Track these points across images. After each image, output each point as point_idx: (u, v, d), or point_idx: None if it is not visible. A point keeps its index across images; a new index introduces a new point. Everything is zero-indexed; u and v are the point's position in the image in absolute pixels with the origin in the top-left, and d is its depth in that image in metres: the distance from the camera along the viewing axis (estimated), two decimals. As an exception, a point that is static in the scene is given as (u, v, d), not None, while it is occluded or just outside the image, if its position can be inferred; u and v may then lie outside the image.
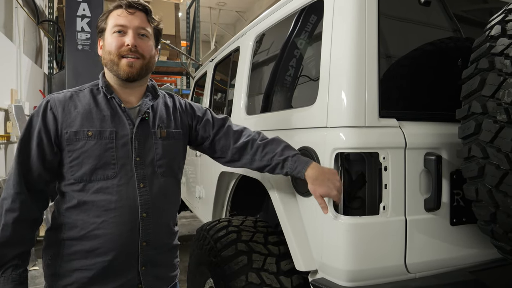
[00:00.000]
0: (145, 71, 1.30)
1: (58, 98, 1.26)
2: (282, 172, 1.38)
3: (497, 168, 1.13)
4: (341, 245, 1.25)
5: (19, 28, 4.88)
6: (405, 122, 1.33)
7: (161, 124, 1.35)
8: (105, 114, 1.26)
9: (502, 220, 1.16)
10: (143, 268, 1.28)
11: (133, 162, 1.25)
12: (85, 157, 1.21)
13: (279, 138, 1.45)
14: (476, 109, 1.18)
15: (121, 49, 1.25)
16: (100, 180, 1.22)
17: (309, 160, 1.34)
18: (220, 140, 1.47)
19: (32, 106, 5.24)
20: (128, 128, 1.27)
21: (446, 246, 1.37)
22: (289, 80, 1.78)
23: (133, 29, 1.26)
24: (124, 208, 1.22)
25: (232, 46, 2.56)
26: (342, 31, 1.34)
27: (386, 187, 1.27)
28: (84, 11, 3.00)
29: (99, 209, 1.21)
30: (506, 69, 1.11)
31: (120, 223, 1.22)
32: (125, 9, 1.26)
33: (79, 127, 1.22)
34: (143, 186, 1.26)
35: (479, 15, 1.67)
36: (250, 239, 1.64)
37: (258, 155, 1.42)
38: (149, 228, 1.27)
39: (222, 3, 10.80)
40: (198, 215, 3.19)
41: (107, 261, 1.21)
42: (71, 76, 2.97)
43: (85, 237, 1.22)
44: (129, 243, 1.24)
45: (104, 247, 1.21)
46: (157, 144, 1.32)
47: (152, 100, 1.36)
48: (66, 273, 1.23)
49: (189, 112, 1.48)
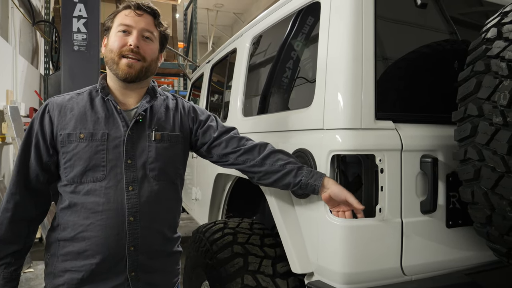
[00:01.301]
0: (145, 74, 1.29)
1: (56, 101, 1.28)
2: (293, 181, 1.30)
3: (493, 170, 1.13)
4: (337, 247, 1.25)
5: (15, 29, 4.86)
6: (402, 124, 1.34)
7: (157, 127, 1.32)
8: (99, 116, 1.26)
9: (498, 222, 1.16)
10: (133, 274, 1.25)
11: (123, 164, 1.24)
12: (76, 159, 1.22)
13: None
14: (472, 111, 1.18)
15: (123, 48, 1.24)
16: (90, 182, 1.22)
17: (324, 174, 1.30)
18: (221, 145, 1.41)
19: (28, 107, 5.21)
20: (122, 130, 1.26)
21: (442, 248, 1.37)
22: (286, 82, 1.77)
23: (138, 30, 1.26)
24: (111, 211, 1.21)
25: (229, 47, 2.55)
26: (339, 33, 1.34)
27: (383, 189, 1.27)
28: (80, 11, 2.98)
29: (88, 211, 1.21)
30: (502, 72, 1.12)
31: (106, 226, 1.20)
32: (133, 10, 1.26)
33: (73, 129, 1.23)
34: (132, 189, 1.24)
35: (475, 17, 1.67)
36: (246, 241, 1.64)
37: (270, 160, 1.35)
38: (137, 232, 1.23)
39: (219, 5, 10.80)
40: (194, 216, 3.18)
41: (95, 264, 1.20)
42: (67, 76, 2.95)
43: (75, 239, 1.22)
44: (116, 247, 1.21)
45: (91, 250, 1.20)
46: (151, 146, 1.29)
47: (149, 102, 1.33)
48: (59, 273, 1.24)
49: (192, 115, 1.44)
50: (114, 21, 1.29)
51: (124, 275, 1.24)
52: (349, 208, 1.22)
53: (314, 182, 1.26)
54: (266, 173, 1.35)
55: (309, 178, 1.28)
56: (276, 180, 1.34)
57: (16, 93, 4.74)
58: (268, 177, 1.36)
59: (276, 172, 1.33)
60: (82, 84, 2.69)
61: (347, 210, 1.23)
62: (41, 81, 6.23)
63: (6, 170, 4.42)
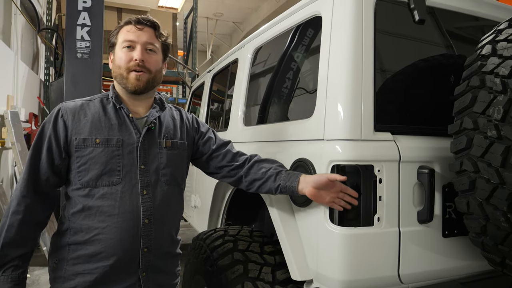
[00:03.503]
0: (152, 84, 1.36)
1: (68, 107, 1.31)
2: (273, 186, 1.41)
3: (487, 182, 1.16)
4: (336, 255, 1.27)
5: (17, 35, 4.90)
6: (400, 136, 1.37)
7: (167, 135, 1.40)
8: (113, 123, 1.31)
9: (492, 232, 1.19)
10: (144, 274, 1.31)
11: (137, 169, 1.30)
12: (92, 163, 1.26)
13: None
14: (467, 124, 1.22)
15: (129, 63, 1.31)
16: (105, 186, 1.26)
17: (301, 173, 1.38)
18: (218, 157, 1.52)
19: (28, 112, 5.23)
20: (135, 137, 1.32)
21: (438, 258, 1.39)
22: (286, 93, 1.81)
23: (141, 44, 1.31)
24: (127, 213, 1.26)
25: (231, 58, 2.60)
26: (340, 46, 1.38)
27: (381, 199, 1.30)
28: (84, 20, 3.02)
29: (103, 214, 1.25)
30: (496, 87, 1.15)
31: (122, 228, 1.25)
32: (134, 25, 1.32)
33: (88, 134, 1.27)
34: (146, 193, 1.30)
35: (471, 33, 1.72)
36: (246, 248, 1.66)
37: (254, 169, 1.47)
38: (151, 234, 1.30)
39: (219, 14, 10.89)
40: (192, 224, 3.19)
41: (109, 265, 1.24)
42: (70, 83, 2.98)
43: (89, 242, 1.25)
44: (130, 248, 1.27)
45: (106, 252, 1.24)
46: (162, 153, 1.37)
47: (159, 112, 1.41)
48: (70, 277, 1.26)
49: (195, 126, 1.55)
50: (118, 37, 1.35)
51: (136, 276, 1.30)
52: (337, 192, 1.27)
53: (291, 184, 1.36)
54: (251, 182, 1.47)
55: (286, 181, 1.38)
56: (259, 187, 1.46)
57: (17, 98, 4.77)
58: (253, 185, 1.47)
59: (259, 179, 1.45)
60: (84, 91, 2.73)
61: (335, 195, 1.27)
62: (41, 87, 6.25)
63: (5, 175, 4.42)
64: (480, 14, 1.67)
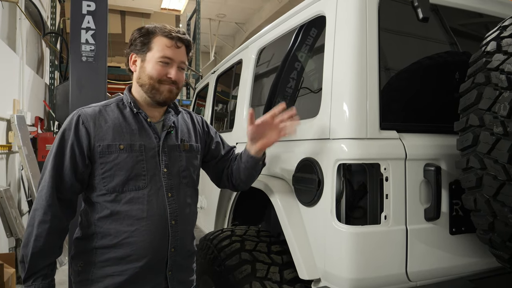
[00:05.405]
0: (176, 96, 1.41)
1: (88, 113, 1.31)
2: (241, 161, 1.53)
3: (494, 178, 1.16)
4: (344, 254, 1.28)
5: (22, 39, 4.94)
6: (405, 134, 1.38)
7: (184, 138, 1.45)
8: (133, 128, 1.33)
9: (500, 229, 1.19)
10: (170, 273, 1.36)
11: (161, 173, 1.34)
12: (117, 169, 1.28)
13: None
14: (473, 121, 1.22)
15: (163, 77, 1.34)
16: (132, 191, 1.28)
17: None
18: (224, 163, 1.61)
19: (34, 116, 5.27)
20: (155, 141, 1.35)
21: (446, 255, 1.39)
22: (291, 93, 1.82)
23: (177, 63, 1.35)
24: (155, 216, 1.30)
25: (235, 58, 2.61)
26: (344, 45, 1.39)
27: (387, 197, 1.30)
28: (88, 23, 3.04)
29: (132, 218, 1.27)
30: (502, 84, 1.16)
31: (152, 230, 1.29)
32: (175, 42, 1.34)
33: (111, 140, 1.29)
34: (171, 196, 1.34)
35: (475, 29, 1.72)
36: (254, 248, 1.67)
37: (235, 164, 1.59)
38: (177, 234, 1.35)
39: (222, 15, 10.91)
40: (199, 225, 3.20)
41: (139, 267, 1.28)
42: (75, 86, 3.00)
43: (118, 245, 1.27)
44: (159, 249, 1.31)
45: (136, 254, 1.28)
46: (181, 156, 1.41)
47: (174, 116, 1.45)
48: (98, 279, 1.28)
49: (205, 129, 1.60)
50: (153, 45, 1.34)
51: (163, 275, 1.35)
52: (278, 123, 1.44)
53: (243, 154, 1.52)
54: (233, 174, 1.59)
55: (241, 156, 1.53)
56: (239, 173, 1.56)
57: (23, 102, 4.80)
58: (237, 177, 1.57)
59: (237, 168, 1.56)
60: (90, 94, 2.75)
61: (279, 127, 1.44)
62: (46, 91, 6.30)
63: (12, 179, 4.46)
64: (484, 11, 1.66)
